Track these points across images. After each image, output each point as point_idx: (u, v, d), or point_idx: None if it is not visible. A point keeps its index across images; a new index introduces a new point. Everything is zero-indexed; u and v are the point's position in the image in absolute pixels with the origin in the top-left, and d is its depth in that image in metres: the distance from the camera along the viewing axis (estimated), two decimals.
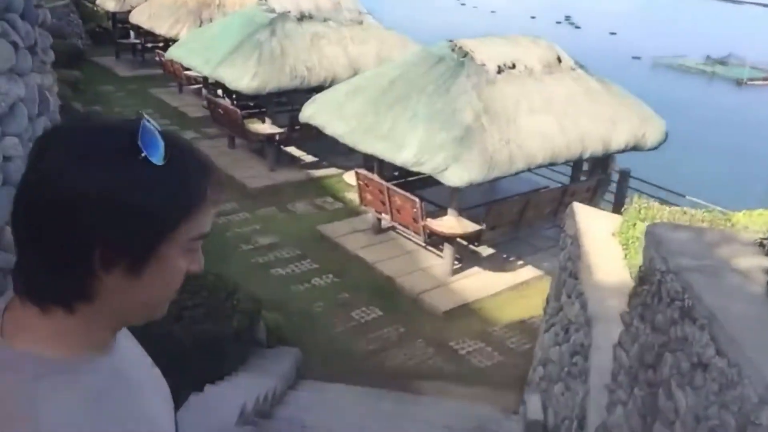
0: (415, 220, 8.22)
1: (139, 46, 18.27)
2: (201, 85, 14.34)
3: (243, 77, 10.24)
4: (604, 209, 7.69)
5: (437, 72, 7.97)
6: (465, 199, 8.48)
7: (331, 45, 11.08)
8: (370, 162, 9.14)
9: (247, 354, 6.23)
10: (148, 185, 0.86)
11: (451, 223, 8.06)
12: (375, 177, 8.71)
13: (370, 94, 8.24)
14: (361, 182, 8.93)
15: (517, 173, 7.57)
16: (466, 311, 7.89)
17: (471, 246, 8.82)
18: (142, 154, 0.86)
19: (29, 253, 0.88)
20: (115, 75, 18.23)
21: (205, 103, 12.43)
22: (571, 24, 52.26)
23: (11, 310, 0.91)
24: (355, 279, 8.51)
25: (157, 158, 0.87)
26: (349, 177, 9.17)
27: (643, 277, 3.10)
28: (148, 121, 0.91)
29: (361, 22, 11.81)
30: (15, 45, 2.44)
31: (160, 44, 16.74)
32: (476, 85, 7.71)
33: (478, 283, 8.35)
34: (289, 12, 11.10)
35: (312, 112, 8.68)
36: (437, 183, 9.40)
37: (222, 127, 12.42)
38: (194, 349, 5.65)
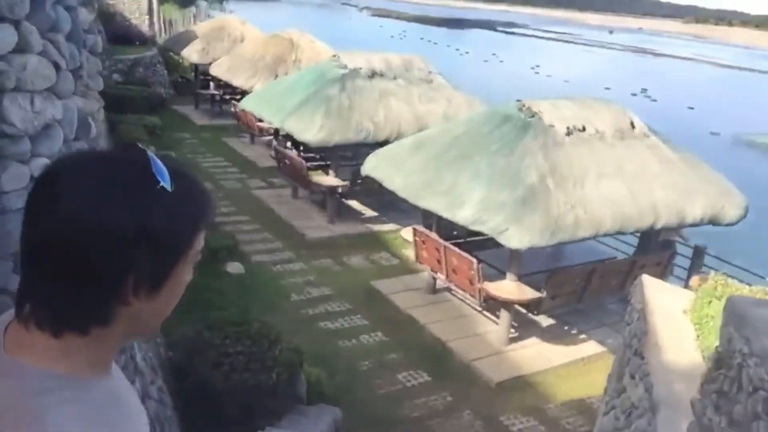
0: (471, 282, 7.88)
1: (217, 97, 18.96)
2: (272, 137, 14.68)
3: (310, 129, 10.34)
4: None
5: (503, 131, 7.76)
6: (526, 264, 8.09)
7: (398, 102, 11.10)
8: (429, 220, 8.92)
9: (284, 409, 5.96)
10: (168, 211, 0.91)
11: (509, 288, 7.67)
12: (432, 234, 8.46)
13: (432, 149, 8.09)
14: (417, 239, 8.70)
15: (582, 239, 7.17)
16: (520, 384, 7.40)
17: (530, 314, 8.36)
18: (160, 184, 0.90)
19: (52, 284, 0.89)
20: (192, 123, 18.93)
21: (272, 153, 12.59)
22: (647, 97, 51.43)
23: (13, 329, 0.94)
24: (404, 339, 8.17)
25: (168, 185, 0.91)
26: (407, 233, 8.97)
27: (719, 360, 2.70)
28: (147, 149, 0.95)
29: (430, 81, 11.83)
30: (56, 65, 2.40)
31: (237, 96, 17.32)
32: (543, 146, 7.44)
33: (535, 355, 7.85)
34: (360, 69, 11.24)
35: (373, 165, 8.59)
36: (497, 245, 9.09)
37: (287, 177, 12.52)
38: (228, 399, 5.43)
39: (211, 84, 19.26)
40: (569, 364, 7.83)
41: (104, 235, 0.86)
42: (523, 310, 8.26)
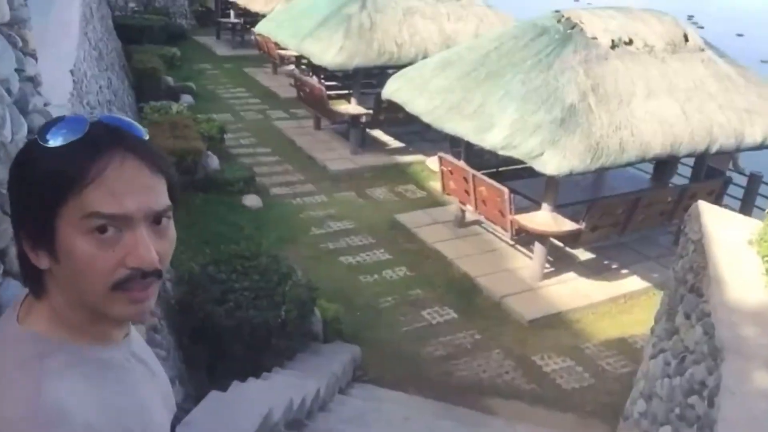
0: (502, 214, 7.24)
1: (239, 26, 18.13)
2: (293, 66, 13.95)
3: (328, 51, 9.59)
4: None
5: (539, 45, 6.93)
6: (563, 195, 7.40)
7: (425, 21, 10.23)
8: (457, 148, 8.24)
9: (296, 348, 5.52)
10: (34, 162, 0.92)
11: (544, 220, 7.01)
12: (460, 163, 7.78)
13: (459, 68, 7.32)
14: (444, 168, 8.04)
15: (627, 165, 6.42)
16: (555, 322, 6.84)
17: (566, 248, 7.72)
18: (45, 137, 0.91)
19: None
20: (213, 54, 18.24)
21: (292, 81, 11.90)
22: (694, 24, 48.46)
23: (27, 298, 1.01)
24: (430, 275, 7.64)
25: (56, 141, 0.90)
26: (432, 163, 8.31)
27: None
28: (95, 116, 0.96)
29: None
30: None
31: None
32: (584, 61, 6.62)
33: (571, 291, 7.25)
34: None
35: (395, 88, 7.87)
36: (532, 175, 8.39)
37: (308, 107, 11.86)
38: (232, 337, 5.00)
39: (232, 12, 18.42)
40: (609, 301, 7.22)
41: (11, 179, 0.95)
42: (560, 244, 7.62)
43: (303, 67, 13.41)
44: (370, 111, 10.47)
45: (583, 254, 8.01)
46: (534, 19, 7.45)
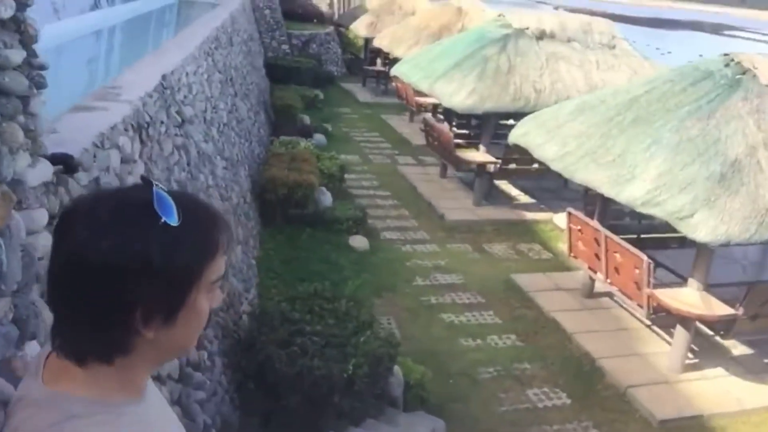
0: (638, 286, 6.04)
1: (383, 74, 18.17)
2: (430, 113, 13.53)
3: (459, 92, 8.98)
4: None
5: (700, 91, 5.83)
6: (717, 271, 6.10)
7: (569, 67, 9.34)
8: (592, 206, 7.18)
9: (366, 411, 4.71)
10: (171, 245, 0.93)
11: (690, 299, 5.74)
12: (592, 222, 6.71)
13: (600, 113, 6.35)
14: (572, 226, 6.98)
15: None
16: (693, 427, 5.49)
17: (716, 337, 6.32)
18: (162, 220, 0.93)
19: (69, 316, 0.95)
20: (355, 99, 18.39)
21: (422, 126, 11.41)
22: None
23: (50, 360, 1.00)
24: (543, 348, 6.55)
25: (173, 220, 0.94)
26: (560, 219, 7.28)
27: None
28: (158, 187, 0.97)
29: (613, 47, 9.88)
30: None
31: None
32: (756, 111, 5.43)
33: (718, 391, 5.84)
34: (527, 29, 9.62)
35: (523, 131, 7.04)
36: (680, 245, 7.12)
37: (435, 153, 11.26)
38: (291, 387, 4.31)
39: (378, 60, 18.55)
40: (766, 409, 5.72)
41: (105, 268, 0.90)
42: (708, 331, 6.25)
43: (439, 115, 12.96)
44: (498, 160, 9.63)
45: (737, 347, 6.53)
46: (696, 62, 6.34)
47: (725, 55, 6.18)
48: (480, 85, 8.90)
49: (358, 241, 8.29)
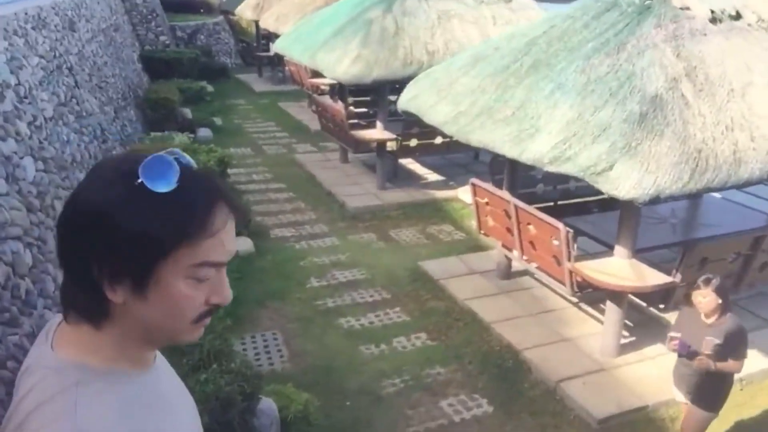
0: (558, 260, 5.10)
1: (276, 59, 16.82)
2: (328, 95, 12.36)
3: (341, 61, 7.84)
4: None
5: (605, 23, 4.91)
6: (645, 235, 5.25)
7: (464, 25, 8.36)
8: (500, 174, 6.22)
9: None
10: (137, 209, 0.90)
11: (618, 269, 4.83)
12: (499, 192, 5.73)
13: (494, 62, 5.36)
14: (478, 198, 6.00)
15: (747, 183, 4.19)
16: (638, 422, 4.60)
17: (652, 309, 5.48)
18: (138, 180, 0.90)
19: (64, 273, 0.98)
20: (251, 90, 17.00)
21: (313, 107, 10.24)
22: None
23: (60, 327, 1.02)
24: (458, 345, 5.54)
25: (158, 186, 0.90)
26: (464, 193, 6.28)
27: None
28: (167, 154, 0.95)
29: (509, 0, 8.96)
30: None
31: None
32: (673, 37, 4.54)
33: (662, 373, 4.95)
34: None
35: (413, 94, 5.98)
36: (602, 208, 6.27)
37: (331, 136, 10.10)
38: None
39: (272, 45, 17.17)
40: None
41: (78, 217, 0.92)
42: (642, 304, 5.40)
43: (336, 95, 11.81)
44: (398, 136, 8.58)
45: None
46: None
47: None
48: (365, 51, 7.78)
49: (241, 244, 7.04)
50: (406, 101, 6.04)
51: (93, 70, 8.75)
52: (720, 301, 3.59)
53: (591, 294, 5.51)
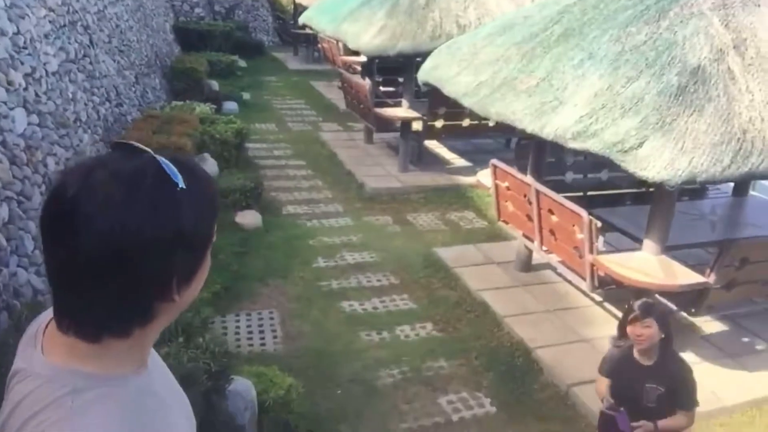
0: (579, 252, 4.63)
1: (312, 38, 16.48)
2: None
3: (366, 32, 7.44)
4: None
5: None
6: (679, 229, 4.73)
7: (501, 0, 7.85)
8: (525, 159, 5.76)
9: None
10: (193, 210, 0.93)
11: (645, 265, 4.34)
12: (520, 175, 5.27)
13: (522, 31, 4.89)
14: (498, 181, 5.54)
15: None
16: None
17: (682, 312, 4.96)
18: (179, 186, 0.91)
19: (87, 298, 0.90)
20: (285, 68, 16.73)
21: (339, 83, 9.86)
22: None
23: (50, 333, 0.97)
24: (466, 338, 5.13)
25: (183, 184, 0.92)
26: (484, 176, 5.84)
27: None
28: (147, 150, 0.95)
29: None
30: None
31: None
32: (722, 5, 4.00)
33: None
34: None
35: (434, 64, 5.54)
36: (635, 201, 5.77)
37: (356, 113, 9.72)
38: None
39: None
40: (751, 406, 4.39)
41: (145, 243, 0.88)
42: (671, 306, 4.88)
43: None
44: (423, 116, 8.15)
45: (709, 324, 5.20)
46: None
47: None
48: (391, 22, 7.36)
49: (248, 218, 6.74)
50: (426, 72, 5.61)
51: (114, 32, 8.53)
52: (663, 335, 2.83)
53: (615, 292, 5.04)
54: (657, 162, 3.27)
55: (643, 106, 3.50)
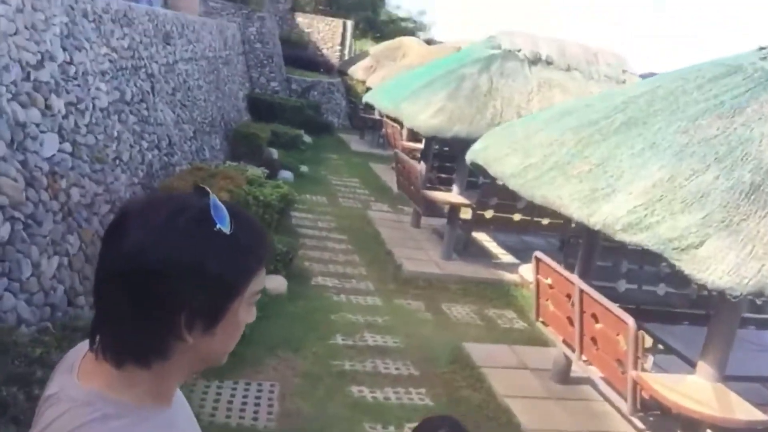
0: (621, 366, 4.04)
1: (379, 123, 16.67)
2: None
3: (424, 111, 7.26)
4: None
5: (723, 86, 4.00)
6: (741, 357, 4.10)
7: (567, 97, 7.59)
8: (573, 258, 5.29)
9: None
10: (223, 253, 0.93)
11: (698, 392, 3.71)
12: (565, 272, 4.78)
13: (581, 117, 4.55)
14: (540, 277, 5.05)
15: None
16: None
17: None
18: (217, 227, 0.93)
19: (113, 318, 0.94)
20: (348, 148, 16.90)
21: (393, 164, 9.72)
22: None
23: (87, 359, 0.99)
24: None
25: (227, 228, 0.94)
26: (526, 271, 5.36)
27: None
28: (211, 194, 0.97)
29: (623, 81, 8.15)
30: None
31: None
32: None
33: None
34: (519, 50, 7.98)
35: (484, 145, 5.24)
36: (694, 321, 5.17)
37: (406, 194, 9.47)
38: None
39: (377, 110, 17.11)
40: None
41: (160, 271, 0.89)
42: None
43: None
44: (473, 203, 7.80)
45: None
46: (722, 57, 4.53)
47: (762, 48, 4.37)
48: (450, 104, 7.18)
49: (273, 283, 6.40)
50: (475, 152, 5.30)
51: (181, 87, 8.70)
52: None
53: (661, 420, 4.36)
54: (719, 266, 2.77)
55: (708, 201, 3.04)
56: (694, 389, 3.72)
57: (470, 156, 5.38)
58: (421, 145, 10.27)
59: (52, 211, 4.40)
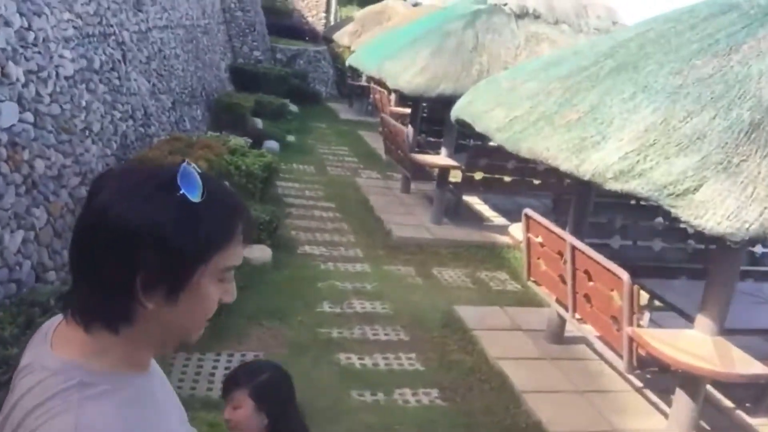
0: (616, 323, 3.88)
1: (367, 90, 16.33)
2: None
3: (407, 71, 6.99)
4: None
5: (716, 25, 3.76)
6: (743, 315, 3.94)
7: (554, 50, 7.33)
8: (565, 215, 5.11)
9: None
10: (184, 221, 0.91)
11: (697, 346, 3.55)
12: (556, 228, 4.59)
13: (569, 64, 4.31)
14: (531, 235, 4.86)
15: None
16: None
17: (738, 410, 4.09)
18: (180, 192, 0.91)
19: (81, 280, 0.95)
20: (336, 116, 16.58)
21: (380, 128, 9.46)
22: None
23: (60, 328, 1.00)
24: (475, 412, 4.36)
25: (195, 196, 0.92)
26: (516, 230, 5.17)
27: None
28: (188, 164, 0.96)
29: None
30: None
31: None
32: None
33: None
34: (505, 4, 7.68)
35: (469, 100, 5.00)
36: (697, 277, 5.02)
37: (394, 159, 9.25)
38: None
39: (364, 75, 16.74)
40: None
41: (117, 231, 0.89)
42: (726, 402, 4.03)
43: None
44: (462, 165, 7.58)
45: None
46: None
47: None
48: (434, 62, 6.91)
49: (256, 252, 6.20)
50: (460, 108, 5.07)
51: (156, 56, 8.39)
52: (267, 420, 1.92)
53: (659, 377, 4.22)
54: (718, 210, 2.58)
55: (705, 143, 2.83)
56: (693, 344, 3.56)
57: (455, 112, 5.15)
58: (409, 110, 10.02)
59: (14, 183, 4.17)
